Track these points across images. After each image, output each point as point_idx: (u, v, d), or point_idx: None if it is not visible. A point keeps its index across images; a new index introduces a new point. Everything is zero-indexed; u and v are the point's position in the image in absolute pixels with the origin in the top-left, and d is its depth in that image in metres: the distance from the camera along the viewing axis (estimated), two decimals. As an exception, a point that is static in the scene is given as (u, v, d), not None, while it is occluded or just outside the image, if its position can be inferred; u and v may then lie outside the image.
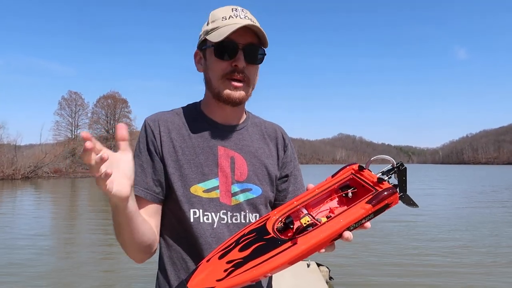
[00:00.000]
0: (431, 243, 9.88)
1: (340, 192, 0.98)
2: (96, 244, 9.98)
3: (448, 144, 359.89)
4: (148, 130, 1.17)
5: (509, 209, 17.51)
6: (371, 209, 0.87)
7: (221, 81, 1.13)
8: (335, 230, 0.85)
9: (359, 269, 7.52)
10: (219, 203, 1.13)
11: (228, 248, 0.88)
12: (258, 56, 1.14)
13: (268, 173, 1.21)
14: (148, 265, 1.32)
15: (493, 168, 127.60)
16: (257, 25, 1.10)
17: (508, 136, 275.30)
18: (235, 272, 0.83)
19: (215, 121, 1.20)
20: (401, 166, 0.96)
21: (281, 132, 1.31)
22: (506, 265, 7.90)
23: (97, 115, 74.09)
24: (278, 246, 0.84)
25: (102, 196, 24.03)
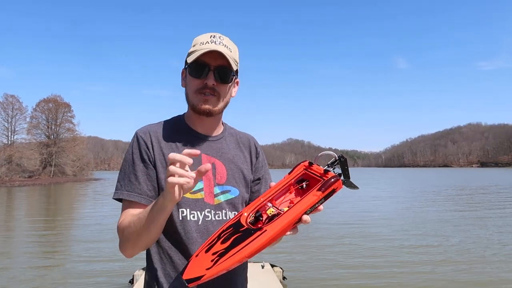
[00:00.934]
0: (381, 243, 10.28)
1: (297, 185, 1.18)
2: (34, 257, 9.34)
3: (390, 148, 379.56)
4: (140, 141, 1.32)
5: (450, 208, 18.71)
6: (322, 195, 1.07)
7: (194, 95, 1.31)
8: (296, 216, 1.04)
9: (311, 269, 7.67)
10: (204, 203, 1.30)
11: (212, 242, 1.06)
12: (227, 76, 1.31)
13: (243, 177, 1.40)
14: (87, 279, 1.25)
15: (430, 171, 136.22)
16: (225, 51, 1.27)
17: (443, 141, 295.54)
18: (220, 261, 0.99)
19: (198, 132, 1.38)
20: (342, 158, 1.14)
21: (254, 141, 1.51)
22: (454, 263, 8.41)
23: (36, 120, 69.74)
24: (252, 235, 1.02)
25: (42, 205, 22.70)
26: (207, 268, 0.99)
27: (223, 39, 1.31)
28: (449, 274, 7.28)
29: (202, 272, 0.99)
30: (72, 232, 12.89)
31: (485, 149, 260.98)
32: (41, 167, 65.47)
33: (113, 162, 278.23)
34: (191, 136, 1.37)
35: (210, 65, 1.28)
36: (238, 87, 1.43)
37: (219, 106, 1.33)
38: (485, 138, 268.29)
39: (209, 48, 1.26)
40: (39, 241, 11.13)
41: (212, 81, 1.28)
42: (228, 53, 1.28)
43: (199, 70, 1.29)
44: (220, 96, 1.32)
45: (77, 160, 70.85)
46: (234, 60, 1.31)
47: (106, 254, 9.03)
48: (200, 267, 1.00)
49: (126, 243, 1.25)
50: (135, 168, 1.29)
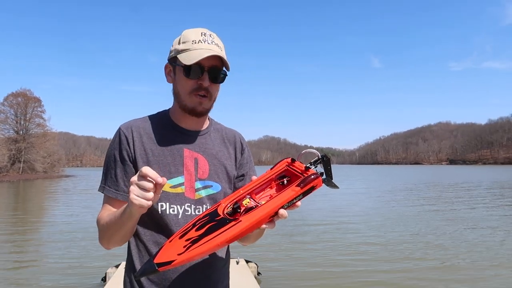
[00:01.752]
0: (357, 240, 10.50)
1: (278, 181, 1.18)
2: (1, 258, 9.06)
3: (363, 146, 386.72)
4: (122, 137, 1.33)
5: (424, 205, 19.27)
6: (300, 191, 1.07)
7: (188, 96, 1.31)
8: (272, 209, 1.05)
9: (286, 265, 7.78)
10: (184, 197, 1.31)
11: (187, 229, 1.06)
12: (220, 77, 1.32)
13: (226, 172, 1.41)
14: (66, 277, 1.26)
15: (402, 168, 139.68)
16: (221, 53, 1.28)
17: (414, 139, 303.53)
18: (192, 247, 1.01)
19: (182, 127, 1.38)
20: (325, 157, 1.16)
21: (240, 137, 1.51)
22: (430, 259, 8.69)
23: (4, 115, 67.00)
24: (226, 224, 1.03)
25: (10, 202, 21.90)
26: (178, 253, 1.01)
27: (214, 38, 1.32)
28: (423, 271, 7.53)
29: (174, 257, 1.01)
30: (42, 230, 12.56)
31: (454, 147, 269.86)
32: (9, 163, 63.15)
33: (85, 159, 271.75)
34: (175, 131, 1.38)
35: (204, 66, 1.29)
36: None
37: (210, 105, 1.36)
38: (454, 136, 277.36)
39: (208, 53, 1.26)
40: (6, 240, 10.78)
41: (207, 82, 1.29)
42: (221, 53, 1.29)
43: (194, 71, 1.29)
44: (212, 96, 1.34)
45: (47, 157, 68.73)
46: (226, 60, 1.32)
47: (77, 252, 8.86)
48: (172, 252, 1.02)
49: (103, 239, 1.29)
50: (114, 164, 1.32)
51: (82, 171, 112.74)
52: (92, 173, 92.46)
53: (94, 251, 8.90)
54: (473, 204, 18.20)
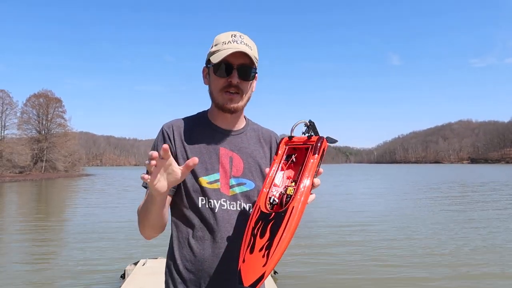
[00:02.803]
0: (376, 239, 10.36)
1: (287, 162, 1.24)
2: (25, 254, 9.30)
3: (382, 144, 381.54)
4: (164, 134, 1.44)
5: (450, 205, 18.87)
6: (318, 157, 1.16)
7: (219, 94, 1.39)
8: (310, 184, 1.12)
9: (302, 264, 7.71)
10: (220, 193, 1.39)
11: (250, 243, 1.06)
12: (249, 74, 1.39)
13: (260, 171, 1.46)
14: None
15: (422, 167, 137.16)
16: (247, 50, 1.34)
17: (434, 137, 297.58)
18: (270, 252, 1.00)
19: (219, 127, 1.47)
20: (311, 122, 1.23)
21: (275, 137, 1.57)
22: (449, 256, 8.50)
23: (27, 115, 68.95)
24: (285, 216, 1.05)
25: (33, 201, 22.48)
26: (263, 265, 1.00)
27: (243, 38, 1.39)
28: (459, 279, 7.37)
29: (261, 270, 0.99)
30: (62, 229, 12.81)
31: (475, 146, 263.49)
32: (32, 163, 64.83)
33: (105, 158, 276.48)
34: (212, 130, 1.46)
35: (234, 64, 1.36)
36: (257, 81, 1.51)
37: (243, 103, 1.42)
38: (475, 134, 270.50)
39: (234, 49, 1.33)
40: (30, 238, 11.06)
41: (236, 79, 1.36)
42: (250, 52, 1.35)
43: (224, 69, 1.36)
44: (243, 93, 1.40)
45: (68, 156, 70.27)
46: (255, 58, 1.38)
47: (97, 250, 8.99)
48: (256, 268, 1.00)
49: (139, 226, 1.40)
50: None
51: (101, 170, 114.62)
52: (112, 172, 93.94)
53: (113, 249, 9.04)
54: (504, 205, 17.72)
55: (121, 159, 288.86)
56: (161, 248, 8.59)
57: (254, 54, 1.38)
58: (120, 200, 21.29)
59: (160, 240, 7.70)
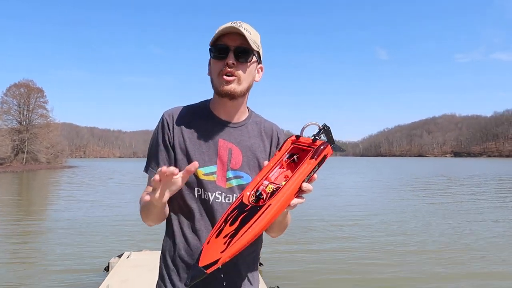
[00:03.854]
0: (363, 234, 10.35)
1: (288, 160, 1.22)
2: (4, 248, 8.95)
3: (367, 138, 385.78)
4: (164, 123, 1.43)
5: (428, 196, 19.11)
6: (315, 162, 1.11)
7: (217, 78, 1.36)
8: (295, 186, 1.09)
9: (287, 257, 7.64)
10: (215, 185, 1.39)
11: (220, 227, 1.08)
12: (246, 55, 1.35)
13: (258, 165, 1.44)
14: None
15: (406, 160, 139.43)
16: (244, 32, 1.31)
17: (418, 131, 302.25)
18: (232, 242, 1.02)
19: (219, 118, 1.44)
20: (326, 126, 1.21)
21: (277, 131, 1.53)
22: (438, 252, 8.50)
23: (7, 105, 67.26)
24: (258, 211, 1.05)
25: (13, 193, 21.91)
26: (221, 251, 1.02)
27: (243, 24, 1.36)
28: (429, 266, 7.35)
29: (218, 256, 1.02)
30: (44, 221, 12.48)
31: (458, 140, 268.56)
32: (12, 154, 63.42)
33: (88, 150, 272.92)
34: (212, 121, 1.43)
35: (230, 45, 1.34)
36: (263, 73, 1.47)
37: (241, 87, 1.36)
38: (458, 128, 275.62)
39: (227, 28, 1.32)
40: (8, 231, 10.72)
41: (232, 59, 1.32)
42: (247, 34, 1.32)
43: (220, 51, 1.34)
44: (240, 77, 1.35)
45: (50, 147, 69.02)
46: (254, 42, 1.36)
47: (81, 243, 8.76)
48: (214, 252, 1.03)
49: (142, 216, 1.40)
50: (157, 148, 1.43)
51: (85, 162, 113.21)
52: (96, 164, 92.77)
53: (96, 241, 8.84)
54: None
55: (105, 151, 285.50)
56: (146, 241, 8.40)
57: (253, 38, 1.35)
58: (103, 192, 20.96)
59: (145, 233, 7.45)
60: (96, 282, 5.58)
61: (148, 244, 7.73)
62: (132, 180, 31.28)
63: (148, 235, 8.84)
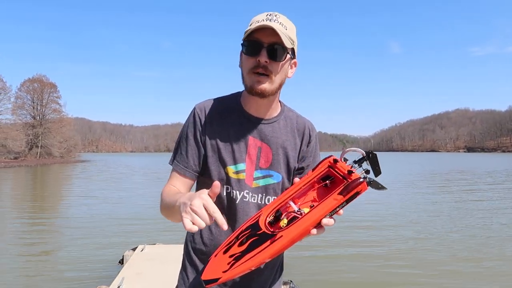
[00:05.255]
0: (378, 233, 10.27)
1: (321, 182, 1.15)
2: (21, 240, 9.16)
3: (379, 132, 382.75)
4: (196, 117, 1.40)
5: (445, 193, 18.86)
6: (343, 199, 1.04)
7: (248, 75, 1.30)
8: (313, 221, 1.04)
9: (298, 249, 7.62)
10: (244, 184, 1.37)
11: (230, 243, 1.08)
12: (279, 53, 1.28)
13: (287, 163, 1.41)
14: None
15: (419, 155, 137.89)
16: (279, 28, 1.24)
17: (431, 126, 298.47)
18: (235, 264, 1.03)
19: (250, 114, 1.40)
20: (371, 154, 1.11)
21: (310, 128, 1.48)
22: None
23: (21, 100, 68.22)
24: (268, 240, 1.03)
25: (29, 187, 22.24)
26: (223, 271, 1.03)
27: (279, 17, 1.29)
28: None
29: (219, 275, 1.03)
30: (58, 215, 12.69)
31: (472, 134, 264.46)
32: (27, 148, 64.46)
33: (101, 144, 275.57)
34: (243, 117, 1.39)
35: (263, 42, 1.26)
36: (296, 68, 1.40)
37: (272, 86, 1.30)
38: (472, 123, 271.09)
39: (260, 24, 1.24)
40: (24, 225, 10.93)
41: (265, 58, 1.26)
42: (282, 30, 1.25)
43: (252, 47, 1.27)
44: (273, 75, 1.29)
45: (64, 142, 69.95)
46: (289, 38, 1.28)
47: (95, 236, 8.89)
48: (218, 269, 1.04)
49: (162, 212, 1.37)
50: (186, 142, 1.40)
51: (97, 156, 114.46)
52: (108, 158, 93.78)
53: (111, 235, 8.95)
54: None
55: (117, 145, 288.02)
56: (159, 234, 8.48)
57: (288, 34, 1.27)
58: (116, 186, 21.17)
59: (158, 227, 7.50)
60: (111, 275, 5.65)
61: (161, 238, 7.82)
62: (145, 175, 31.58)
63: (161, 229, 8.95)
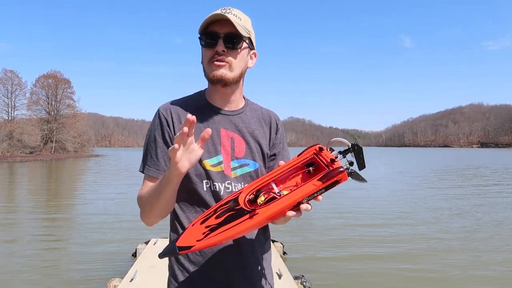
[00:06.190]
0: (384, 225, 10.34)
1: (305, 168, 1.15)
2: (37, 233, 9.48)
3: (390, 127, 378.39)
4: (162, 118, 1.38)
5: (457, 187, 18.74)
6: (321, 185, 1.05)
7: (208, 66, 1.35)
8: (290, 203, 1.05)
9: (311, 245, 7.76)
10: (224, 175, 1.36)
11: (208, 215, 1.10)
12: (235, 42, 1.32)
13: (261, 151, 1.44)
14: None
15: (432, 150, 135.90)
16: (233, 18, 1.29)
17: (444, 121, 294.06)
18: (210, 235, 1.05)
19: (217, 107, 1.42)
20: (356, 146, 1.13)
21: (275, 117, 1.54)
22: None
23: (36, 96, 69.36)
24: (244, 215, 1.05)
25: (44, 181, 22.70)
26: (197, 239, 1.06)
27: (232, 10, 1.34)
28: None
29: (193, 243, 1.06)
30: (72, 209, 12.98)
31: (486, 130, 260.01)
32: (42, 143, 65.55)
33: (114, 139, 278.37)
34: (211, 111, 1.41)
35: (219, 33, 1.32)
36: (256, 59, 1.45)
37: (232, 74, 1.34)
38: (486, 118, 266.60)
39: (215, 16, 1.30)
40: (42, 217, 11.25)
41: (222, 47, 1.31)
42: (236, 20, 1.31)
43: (209, 39, 1.33)
44: (231, 63, 1.33)
45: (77, 136, 70.96)
46: (244, 28, 1.33)
47: (109, 229, 9.13)
48: (192, 238, 1.07)
49: (143, 212, 1.36)
50: (155, 145, 1.37)
51: (110, 151, 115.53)
52: (121, 153, 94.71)
53: (124, 228, 9.15)
54: None
55: (130, 140, 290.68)
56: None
57: (243, 24, 1.33)
58: (129, 181, 21.47)
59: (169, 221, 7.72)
60: (125, 267, 5.84)
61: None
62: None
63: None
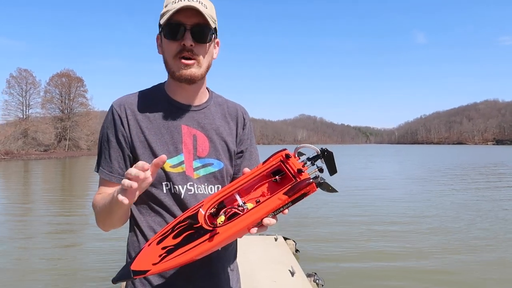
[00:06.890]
0: (395, 221, 10.20)
1: (272, 176, 1.06)
2: (52, 232, 9.54)
3: (403, 125, 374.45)
4: (115, 116, 1.25)
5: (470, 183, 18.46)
6: (288, 200, 0.97)
7: (173, 61, 1.21)
8: (253, 220, 0.97)
9: (323, 243, 7.69)
10: (186, 176, 1.24)
11: (165, 234, 1.01)
12: (205, 35, 1.20)
13: (228, 149, 1.32)
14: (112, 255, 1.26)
15: (447, 148, 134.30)
16: (201, 8, 1.15)
17: (458, 118, 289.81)
18: (167, 258, 0.97)
19: (178, 102, 1.29)
20: (326, 152, 1.02)
21: (242, 111, 1.40)
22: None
23: (50, 94, 70.27)
24: (203, 236, 0.96)
25: (59, 178, 23.01)
26: (153, 263, 0.98)
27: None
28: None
29: (149, 267, 0.98)
30: (88, 206, 13.09)
31: (501, 126, 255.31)
32: (56, 141, 66.51)
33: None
34: (171, 105, 1.28)
35: (186, 24, 1.18)
36: (219, 48, 1.32)
37: (201, 70, 1.23)
38: (501, 115, 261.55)
39: (181, 5, 1.15)
40: (56, 214, 11.39)
41: (190, 41, 1.18)
42: (204, 10, 1.17)
43: (174, 31, 1.18)
44: (200, 59, 1.22)
45: (91, 134, 71.74)
46: (211, 17, 1.20)
47: (125, 226, 9.12)
48: (148, 260, 0.99)
49: (97, 221, 1.26)
50: (108, 145, 1.25)
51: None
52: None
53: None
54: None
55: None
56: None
57: (210, 13, 1.20)
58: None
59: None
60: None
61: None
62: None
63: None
